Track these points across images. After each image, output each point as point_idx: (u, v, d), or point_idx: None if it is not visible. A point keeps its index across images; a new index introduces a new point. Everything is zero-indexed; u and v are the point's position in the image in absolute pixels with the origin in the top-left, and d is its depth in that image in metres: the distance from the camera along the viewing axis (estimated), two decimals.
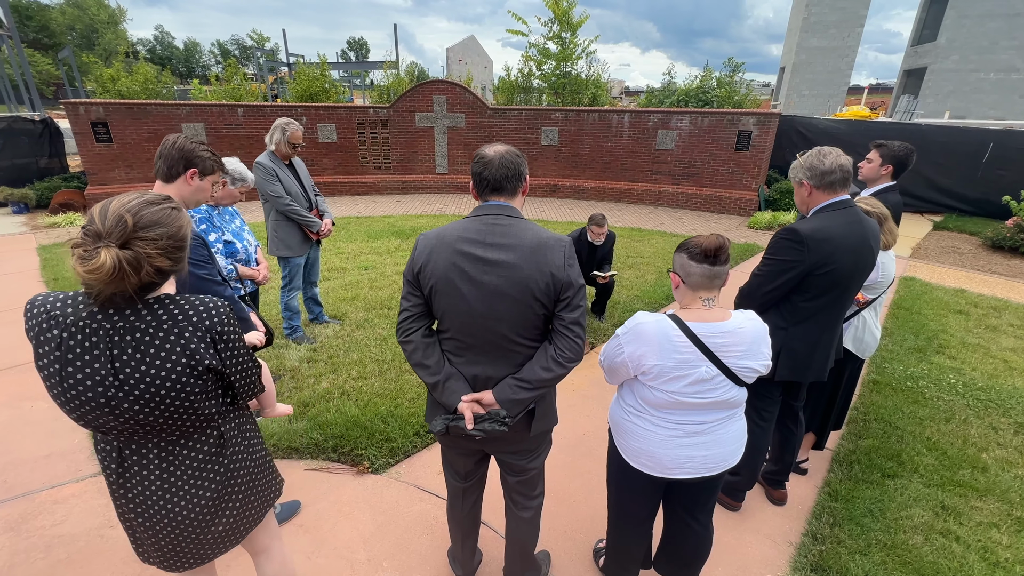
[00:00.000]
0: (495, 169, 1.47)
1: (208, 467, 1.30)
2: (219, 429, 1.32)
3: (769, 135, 9.26)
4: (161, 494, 1.25)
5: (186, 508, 1.28)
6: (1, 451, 2.79)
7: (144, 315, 1.12)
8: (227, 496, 1.35)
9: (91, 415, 1.14)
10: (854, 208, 1.99)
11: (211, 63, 60.49)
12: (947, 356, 4.19)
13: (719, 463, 1.66)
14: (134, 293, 1.08)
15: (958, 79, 20.21)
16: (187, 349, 1.14)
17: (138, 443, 1.23)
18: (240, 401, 1.36)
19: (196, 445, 1.28)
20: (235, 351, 1.25)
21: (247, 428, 1.42)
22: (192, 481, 1.28)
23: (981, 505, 2.56)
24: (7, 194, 8.61)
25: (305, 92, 11.55)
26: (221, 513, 1.35)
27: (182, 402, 1.17)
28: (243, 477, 1.38)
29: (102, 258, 1.00)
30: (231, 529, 1.40)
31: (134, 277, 1.05)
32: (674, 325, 1.53)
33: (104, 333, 1.09)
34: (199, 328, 1.16)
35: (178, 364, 1.14)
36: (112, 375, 1.10)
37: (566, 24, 11.85)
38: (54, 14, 37.29)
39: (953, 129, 9.73)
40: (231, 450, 1.34)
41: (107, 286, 1.03)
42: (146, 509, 1.25)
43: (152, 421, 1.17)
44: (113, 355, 1.09)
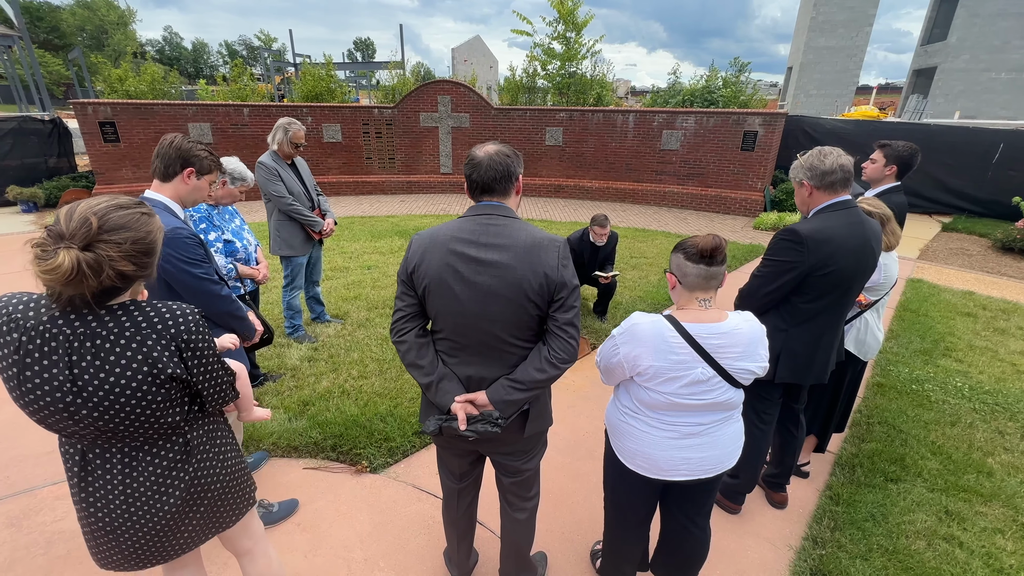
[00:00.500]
0: (484, 171, 1.46)
1: (172, 475, 1.27)
2: (184, 437, 1.29)
3: (775, 135, 9.19)
4: (123, 499, 1.22)
5: (148, 515, 1.25)
6: (5, 447, 2.82)
7: (107, 321, 1.09)
8: (192, 504, 1.32)
9: (51, 419, 1.12)
10: (855, 209, 1.97)
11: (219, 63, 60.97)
12: (954, 359, 4.14)
13: (715, 465, 1.64)
14: (92, 297, 1.05)
15: (969, 79, 19.97)
16: (149, 357, 1.12)
17: (101, 447, 1.21)
18: (209, 409, 1.33)
19: (160, 452, 1.25)
20: (203, 359, 1.23)
21: (218, 435, 1.39)
22: (155, 488, 1.25)
23: (986, 510, 2.52)
24: (17, 193, 8.71)
25: (310, 92, 11.60)
26: (185, 520, 1.32)
27: (143, 411, 1.15)
28: (211, 485, 1.35)
29: (60, 258, 0.97)
30: (195, 535, 1.38)
31: (93, 280, 1.02)
32: (670, 326, 1.52)
33: (64, 339, 1.07)
34: (163, 336, 1.14)
35: (139, 372, 1.11)
36: (70, 381, 1.08)
37: (571, 24, 11.82)
38: (64, 15, 37.69)
39: (963, 129, 9.62)
40: (197, 458, 1.31)
41: (65, 287, 1.01)
42: (107, 514, 1.23)
43: (112, 428, 1.15)
44: (72, 361, 1.07)
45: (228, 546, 1.58)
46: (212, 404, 1.32)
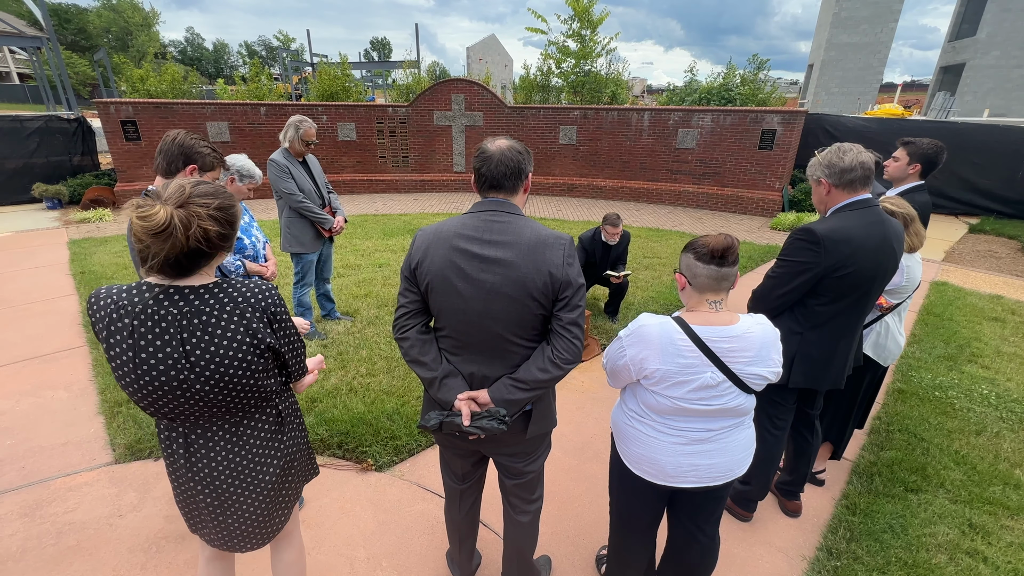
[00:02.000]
0: (494, 166, 1.43)
1: (271, 444, 1.38)
2: (277, 408, 1.40)
3: (794, 134, 8.99)
4: (229, 473, 1.32)
5: (254, 485, 1.35)
6: (21, 438, 2.88)
7: (207, 299, 1.18)
8: (288, 472, 1.44)
9: (163, 399, 1.19)
10: (875, 208, 1.89)
11: (239, 64, 61.97)
12: (980, 365, 3.98)
13: (725, 472, 1.59)
14: (181, 257, 1.11)
15: (999, 75, 19.31)
16: (250, 328, 1.21)
17: (203, 427, 1.29)
18: (293, 379, 1.42)
19: (258, 424, 1.35)
20: (287, 330, 1.32)
21: (297, 408, 1.51)
22: (258, 459, 1.35)
23: (1012, 524, 2.41)
24: (42, 190, 8.95)
25: (326, 91, 11.70)
26: (284, 490, 1.44)
27: (248, 379, 1.24)
28: (298, 454, 1.47)
29: (157, 210, 1.07)
30: (286, 507, 1.49)
31: (182, 234, 1.09)
32: (678, 328, 1.47)
33: (172, 318, 1.15)
34: (257, 308, 1.23)
35: (243, 343, 1.20)
36: (184, 357, 1.16)
37: (586, 22, 11.73)
38: (91, 17, 38.68)
39: (992, 128, 9.29)
40: (288, 427, 1.43)
41: (155, 240, 1.07)
42: (214, 490, 1.32)
43: (220, 400, 1.24)
44: (183, 338, 1.15)
45: None
46: (295, 372, 1.41)
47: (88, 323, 4.31)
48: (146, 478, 2.58)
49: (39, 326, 4.31)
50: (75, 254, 6.34)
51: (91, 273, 5.51)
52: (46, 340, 4.05)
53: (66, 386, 3.41)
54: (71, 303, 4.78)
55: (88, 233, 7.44)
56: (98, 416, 3.08)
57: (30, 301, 4.82)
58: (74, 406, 3.18)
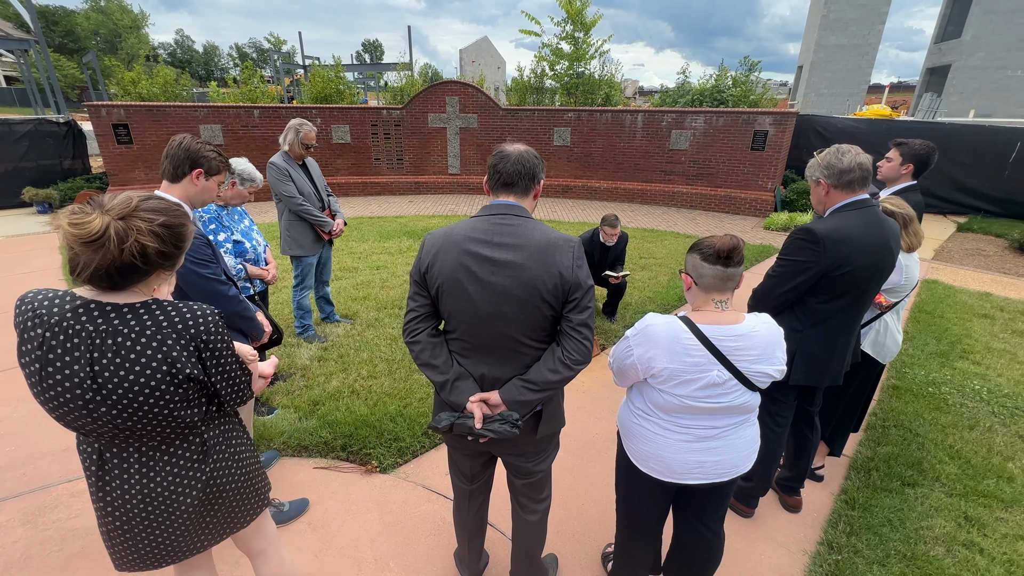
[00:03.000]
0: (511, 164, 1.46)
1: (190, 475, 1.27)
2: (201, 436, 1.29)
3: (786, 135, 9.10)
4: (140, 499, 1.23)
5: (165, 515, 1.26)
6: (21, 445, 2.85)
7: (128, 319, 1.11)
8: (209, 504, 1.33)
9: (70, 416, 1.13)
10: (873, 208, 1.93)
11: (229, 66, 61.52)
12: (971, 361, 4.06)
13: (730, 469, 1.62)
14: (111, 269, 1.05)
15: (984, 77, 19.66)
16: (168, 357, 1.13)
17: (118, 446, 1.21)
18: (227, 409, 1.34)
19: (177, 452, 1.26)
20: (221, 360, 1.23)
21: (233, 434, 1.40)
22: (173, 488, 1.25)
23: (1007, 517, 2.46)
24: (32, 194, 8.85)
25: (320, 94, 11.68)
26: (202, 520, 1.33)
27: (160, 409, 1.16)
28: (227, 485, 1.35)
29: (92, 218, 1.01)
30: (211, 535, 1.39)
31: (115, 247, 1.03)
32: (685, 327, 1.50)
33: (86, 335, 1.08)
34: (183, 336, 1.15)
35: (157, 372, 1.12)
36: (90, 378, 1.09)
37: (579, 24, 11.79)
38: (79, 19, 38.21)
39: (979, 128, 9.46)
40: (214, 457, 1.32)
41: (85, 251, 1.01)
42: (124, 513, 1.23)
43: (130, 426, 1.16)
44: (93, 358, 1.08)
45: (241, 546, 1.58)
46: (230, 403, 1.32)
47: None
48: None
49: None
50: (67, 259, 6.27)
51: None
52: None
53: None
54: None
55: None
56: None
57: None
58: None
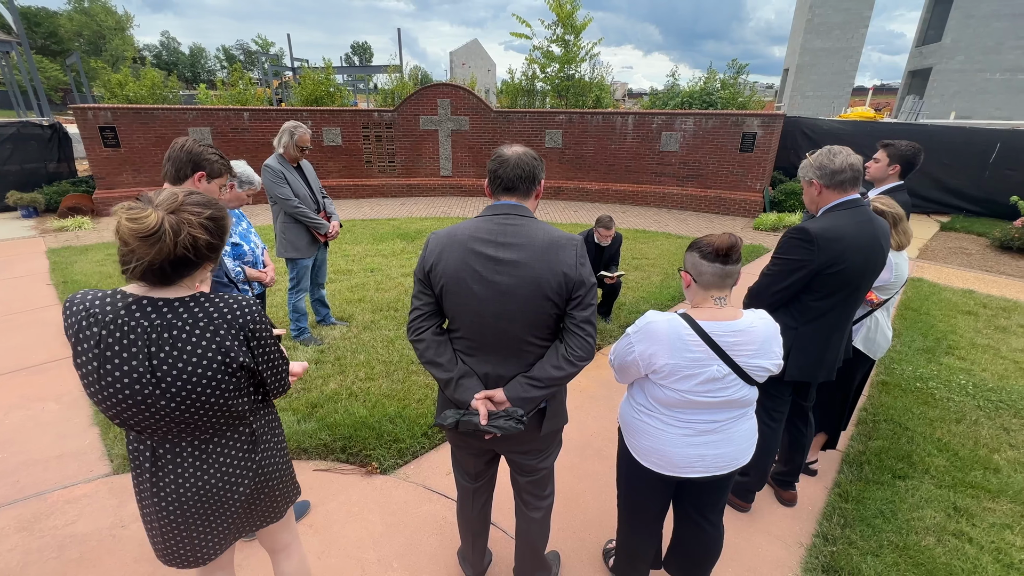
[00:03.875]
0: (510, 168, 1.47)
1: (242, 464, 1.33)
2: (251, 426, 1.34)
3: (774, 136, 9.24)
4: (195, 491, 1.27)
5: (220, 505, 1.30)
6: (13, 452, 2.81)
7: (181, 313, 1.14)
8: (259, 492, 1.39)
9: (127, 412, 1.16)
10: (864, 207, 1.99)
11: (216, 68, 60.91)
12: (956, 357, 4.16)
13: (730, 462, 1.65)
14: (166, 264, 1.09)
15: (964, 79, 20.13)
16: (222, 347, 1.17)
17: (172, 442, 1.24)
18: (271, 397, 1.39)
19: (229, 443, 1.30)
20: (266, 348, 1.28)
21: (275, 425, 1.46)
22: (227, 479, 1.30)
23: (994, 506, 2.53)
24: (17, 198, 8.69)
25: (310, 96, 11.63)
26: (252, 509, 1.39)
27: (216, 399, 1.20)
28: (273, 473, 1.42)
29: (148, 213, 1.05)
30: (254, 523, 1.45)
31: (170, 240, 1.07)
32: (685, 324, 1.53)
33: (142, 331, 1.11)
34: (233, 326, 1.18)
35: (213, 361, 1.16)
36: (149, 372, 1.12)
37: (570, 27, 11.89)
38: (62, 21, 37.63)
39: (960, 129, 9.68)
40: (262, 447, 1.38)
41: (142, 245, 1.05)
42: (179, 507, 1.27)
43: (187, 418, 1.19)
44: (151, 352, 1.11)
45: (268, 542, 1.60)
46: (274, 391, 1.37)
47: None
48: None
49: (23, 337, 4.20)
50: (55, 263, 6.18)
51: (73, 283, 5.38)
52: (32, 351, 3.95)
53: (56, 397, 3.34)
54: (55, 313, 4.67)
55: (67, 242, 7.25)
56: (92, 427, 3.02)
57: (11, 312, 4.69)
58: (66, 417, 3.12)
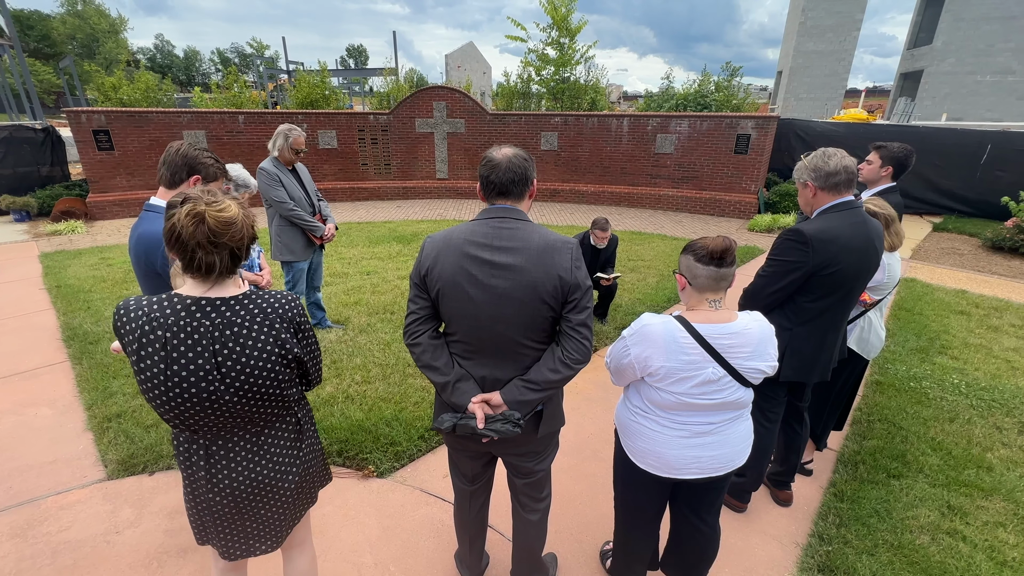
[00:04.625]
0: (502, 173, 1.47)
1: (291, 453, 1.41)
2: (296, 416, 1.42)
3: (768, 138, 9.31)
4: (250, 483, 1.34)
5: (275, 494, 1.38)
6: (6, 457, 2.79)
7: (238, 310, 1.21)
8: (306, 479, 1.47)
9: (190, 411, 1.20)
10: (858, 209, 2.01)
11: (211, 71, 60.74)
12: (949, 356, 4.19)
13: (726, 463, 1.66)
14: (236, 252, 1.17)
15: (955, 82, 20.32)
16: (279, 339, 1.24)
17: (224, 438, 1.30)
18: (312, 386, 1.45)
19: (278, 433, 1.37)
20: (309, 339, 1.36)
21: (312, 416, 1.54)
22: (278, 467, 1.37)
23: (987, 505, 2.56)
24: (9, 202, 8.63)
25: (305, 99, 11.62)
26: (302, 496, 1.48)
27: (275, 389, 1.27)
28: (315, 461, 1.51)
29: (228, 203, 1.13)
30: (302, 510, 1.52)
31: (249, 229, 1.17)
32: (680, 327, 1.54)
33: (205, 330, 1.17)
34: (284, 319, 1.26)
35: (272, 353, 1.23)
36: (216, 368, 1.18)
37: (565, 30, 11.94)
38: (55, 24, 37.46)
39: (951, 131, 9.78)
40: (306, 435, 1.46)
41: (222, 231, 1.12)
42: (234, 500, 1.34)
43: (246, 411, 1.26)
44: (215, 349, 1.18)
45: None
46: (315, 380, 1.44)
47: (68, 338, 4.19)
48: (142, 493, 2.53)
49: (16, 342, 4.17)
50: (48, 268, 6.14)
51: (67, 287, 5.35)
52: (25, 356, 3.92)
53: (50, 403, 3.31)
54: (48, 318, 4.64)
55: (60, 246, 7.20)
56: (86, 432, 3.00)
57: (3, 317, 4.65)
58: (60, 423, 3.10)
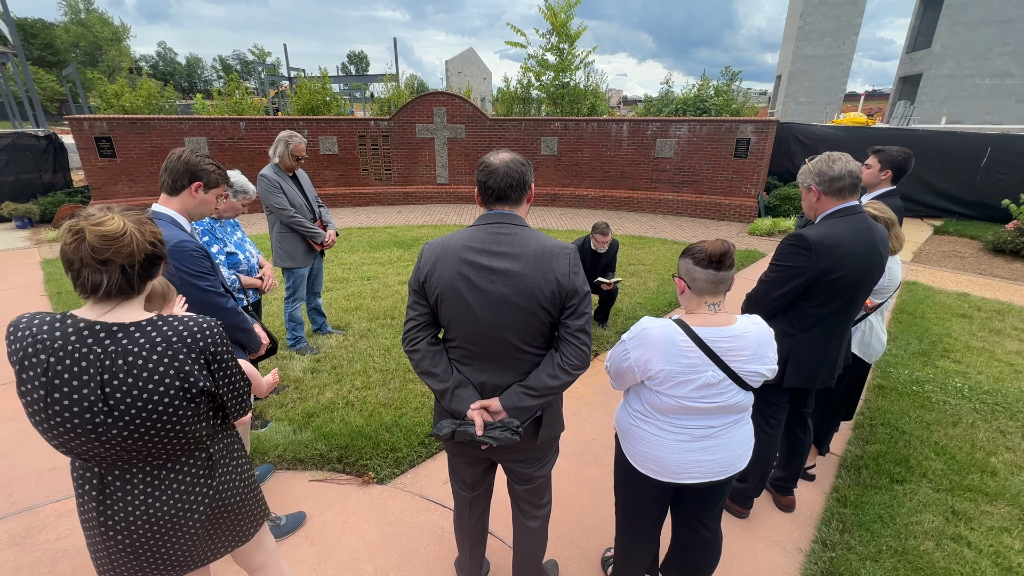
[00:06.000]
0: (499, 178, 1.47)
1: (197, 491, 1.26)
2: (207, 451, 1.28)
3: (768, 142, 9.32)
4: (146, 519, 1.20)
5: (173, 533, 1.23)
6: (5, 465, 2.78)
7: (137, 338, 1.09)
8: (216, 518, 1.32)
9: (74, 441, 1.09)
10: (862, 214, 2.00)
11: (213, 78, 61.11)
12: (952, 360, 4.18)
13: (727, 467, 1.65)
14: (137, 266, 1.06)
15: (953, 85, 20.36)
16: (181, 371, 1.11)
17: (121, 468, 1.18)
18: (231, 420, 1.33)
19: (184, 468, 1.24)
20: (228, 371, 1.24)
21: (235, 448, 1.40)
22: (180, 506, 1.23)
23: (992, 510, 2.53)
24: (11, 209, 8.67)
25: (306, 105, 11.66)
26: (209, 536, 1.32)
27: (173, 425, 1.14)
28: (232, 498, 1.35)
29: (110, 216, 1.02)
30: (215, 549, 1.38)
31: (140, 237, 1.05)
32: (680, 330, 1.53)
33: (95, 357, 1.06)
34: (193, 349, 1.14)
35: (171, 387, 1.11)
36: (101, 400, 1.06)
37: (564, 35, 11.97)
38: (58, 32, 37.73)
39: (951, 134, 9.78)
40: (220, 471, 1.31)
41: (112, 244, 1.02)
42: (128, 536, 1.20)
43: (140, 446, 1.14)
44: (104, 379, 1.06)
45: (241, 561, 1.56)
46: (234, 414, 1.32)
47: None
48: None
49: None
50: (49, 274, 6.15)
51: (68, 293, 5.35)
52: None
53: None
54: None
55: None
56: None
57: (4, 324, 4.66)
58: None
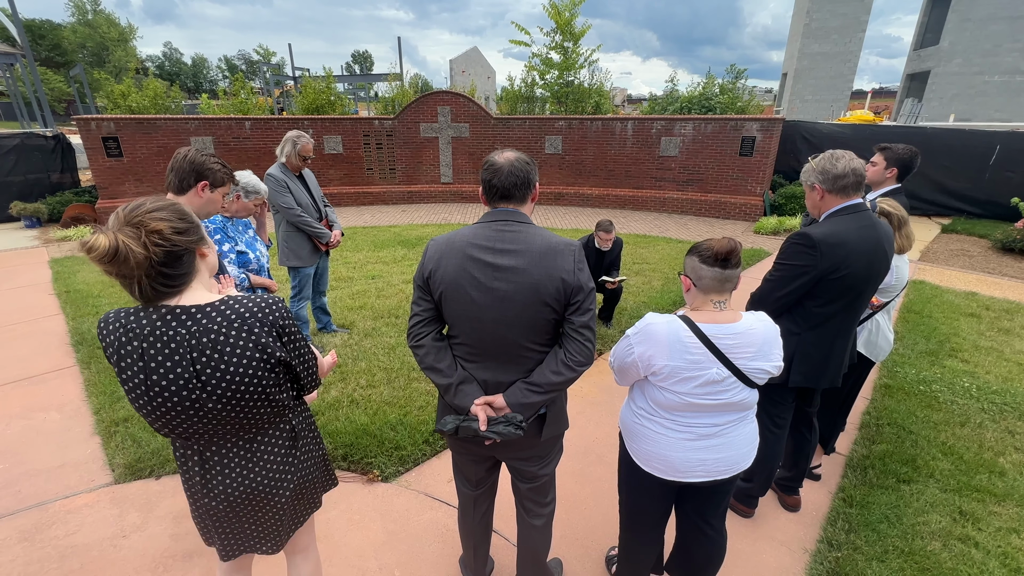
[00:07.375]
0: (504, 177, 1.47)
1: (286, 460, 1.39)
2: (291, 423, 1.41)
3: (773, 140, 9.27)
4: (244, 490, 1.33)
5: (270, 502, 1.37)
6: (15, 462, 2.81)
7: (215, 317, 1.18)
8: (304, 487, 1.47)
9: (176, 420, 1.20)
10: (867, 212, 1.98)
11: (218, 78, 61.43)
12: (960, 359, 4.14)
13: (731, 466, 1.65)
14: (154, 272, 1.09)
15: (962, 82, 20.18)
16: (259, 344, 1.21)
17: (218, 444, 1.30)
18: (305, 392, 1.44)
19: (272, 440, 1.36)
20: (297, 343, 1.33)
21: (311, 423, 1.53)
22: (273, 476, 1.36)
23: (1000, 510, 2.51)
24: (20, 208, 8.75)
25: (311, 105, 11.69)
26: (301, 502, 1.48)
27: (260, 393, 1.25)
28: (313, 469, 1.50)
29: (97, 238, 1.04)
30: (303, 515, 1.53)
31: (138, 248, 1.05)
32: (685, 326, 1.53)
33: (181, 338, 1.14)
34: (264, 323, 1.22)
35: (253, 359, 1.20)
36: (195, 377, 1.16)
37: (568, 34, 11.95)
38: (66, 33, 38.02)
39: (959, 132, 9.69)
40: (302, 442, 1.45)
41: (111, 267, 1.04)
42: (230, 505, 1.34)
43: (233, 417, 1.24)
44: (193, 358, 1.15)
45: (287, 544, 1.60)
46: (307, 384, 1.41)
47: (77, 343, 4.23)
48: (148, 497, 2.55)
49: (25, 347, 4.21)
50: (58, 273, 6.21)
51: (76, 292, 5.41)
52: (34, 361, 3.96)
53: (58, 407, 3.34)
54: (58, 323, 4.68)
55: (70, 252, 7.30)
56: (94, 436, 3.02)
57: (13, 322, 4.71)
58: (68, 427, 3.12)
